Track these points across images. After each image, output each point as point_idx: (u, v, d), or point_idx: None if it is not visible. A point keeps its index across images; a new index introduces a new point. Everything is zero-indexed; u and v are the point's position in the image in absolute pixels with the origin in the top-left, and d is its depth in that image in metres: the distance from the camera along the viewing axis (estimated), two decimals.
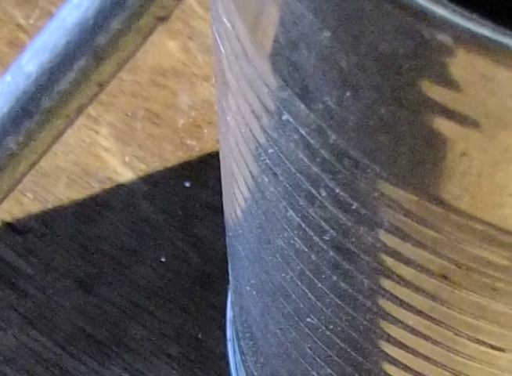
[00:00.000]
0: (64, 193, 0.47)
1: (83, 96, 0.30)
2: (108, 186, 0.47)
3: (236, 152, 0.36)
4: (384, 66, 0.30)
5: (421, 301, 0.34)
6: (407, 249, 0.33)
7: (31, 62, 0.30)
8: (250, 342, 0.41)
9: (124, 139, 0.48)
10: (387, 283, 0.34)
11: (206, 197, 0.47)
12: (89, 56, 0.29)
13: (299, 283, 0.36)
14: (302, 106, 0.32)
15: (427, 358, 0.35)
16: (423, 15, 0.28)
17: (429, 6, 0.28)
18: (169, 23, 0.30)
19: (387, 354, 0.36)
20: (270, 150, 0.34)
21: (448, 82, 0.29)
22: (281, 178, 0.34)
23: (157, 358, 0.46)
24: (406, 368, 0.36)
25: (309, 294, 0.36)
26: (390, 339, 0.35)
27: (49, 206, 0.47)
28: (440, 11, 0.28)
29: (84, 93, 0.30)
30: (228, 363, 0.45)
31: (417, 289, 0.33)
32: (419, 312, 0.34)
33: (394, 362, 0.36)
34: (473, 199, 0.31)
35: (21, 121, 0.30)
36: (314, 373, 0.38)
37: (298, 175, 0.33)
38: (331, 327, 0.36)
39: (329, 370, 0.37)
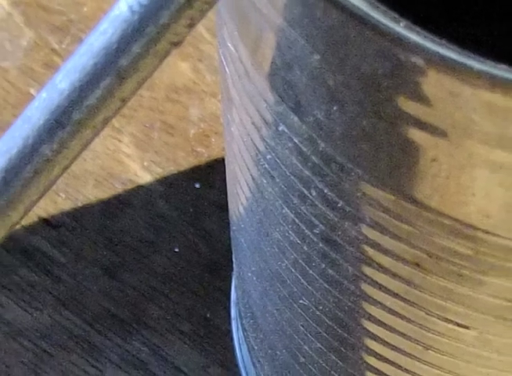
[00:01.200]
0: (92, 193, 0.47)
1: (108, 110, 0.30)
2: (129, 187, 0.47)
3: (239, 158, 0.36)
4: (366, 84, 0.29)
5: (397, 286, 0.33)
6: (385, 241, 0.32)
7: (64, 80, 0.29)
8: (251, 321, 0.41)
9: (143, 147, 0.48)
10: (368, 270, 0.34)
11: (213, 196, 0.47)
12: (113, 75, 0.29)
13: (293, 270, 0.36)
14: (295, 119, 0.32)
15: (402, 334, 0.35)
16: (399, 40, 0.28)
17: (404, 33, 0.28)
18: (182, 48, 0.29)
19: (368, 331, 0.36)
20: (268, 156, 0.34)
21: (421, 98, 0.29)
22: (277, 180, 0.34)
23: (171, 334, 0.46)
24: (384, 343, 0.36)
25: (301, 279, 0.36)
26: (370, 318, 0.35)
27: (79, 204, 0.47)
28: (414, 37, 0.28)
29: (108, 108, 0.30)
30: (232, 339, 0.46)
31: (394, 275, 0.33)
32: (395, 295, 0.34)
33: (374, 337, 0.36)
34: (441, 198, 0.31)
35: (55, 131, 0.30)
36: (306, 347, 0.38)
37: (292, 177, 0.33)
38: (320, 307, 0.36)
39: (318, 345, 0.37)
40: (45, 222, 0.46)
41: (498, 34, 0.43)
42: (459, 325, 0.33)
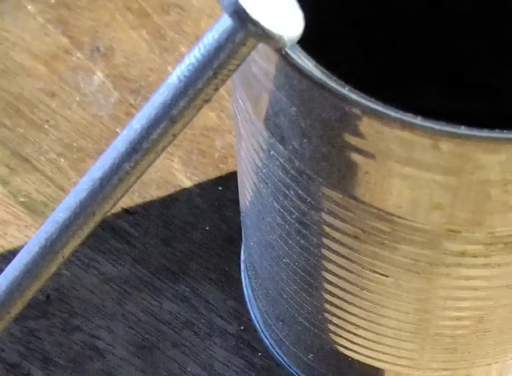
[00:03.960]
0: (154, 193, 0.46)
1: (164, 142, 0.30)
2: (177, 189, 0.47)
3: (245, 171, 0.36)
4: (324, 125, 0.29)
5: (343, 250, 0.33)
6: (336, 222, 0.32)
7: (137, 123, 0.29)
8: (253, 272, 0.41)
9: (186, 164, 0.47)
10: (325, 241, 0.33)
11: (230, 195, 0.47)
12: (167, 120, 0.29)
13: (279, 240, 0.35)
14: (281, 147, 0.31)
15: (346, 280, 0.34)
16: (344, 99, 0.28)
17: (348, 94, 0.27)
18: (210, 103, 0.29)
19: (325, 278, 0.35)
20: (264, 170, 0.34)
21: (358, 134, 0.28)
22: (269, 185, 0.34)
23: (204, 280, 0.45)
24: (335, 285, 0.35)
25: (284, 246, 0.35)
26: (327, 270, 0.35)
27: (146, 200, 0.46)
28: (354, 96, 0.27)
29: (165, 140, 0.29)
30: (241, 283, 0.45)
31: (342, 244, 0.33)
32: (342, 256, 0.33)
33: (329, 282, 0.35)
34: (371, 196, 0.30)
35: (132, 155, 0.30)
36: (287, 288, 0.37)
37: (278, 183, 0.33)
38: (296, 263, 0.36)
39: (294, 287, 0.37)
40: (125, 211, 0.46)
41: (415, 94, 0.43)
42: (382, 275, 0.33)
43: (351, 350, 0.38)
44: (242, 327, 0.43)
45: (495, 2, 0.39)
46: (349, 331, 0.37)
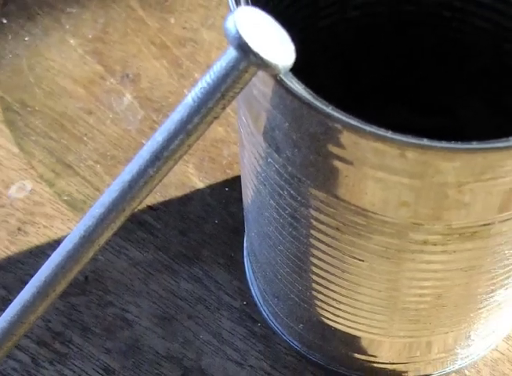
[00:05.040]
0: (173, 193, 0.46)
1: (181, 151, 0.29)
2: (192, 190, 0.47)
3: (247, 175, 0.36)
4: (312, 138, 0.29)
5: (327, 239, 0.33)
6: (321, 217, 0.32)
7: (159, 136, 0.29)
8: (253, 257, 0.41)
9: (199, 170, 0.47)
10: (313, 232, 0.33)
11: (235, 194, 0.46)
12: (184, 133, 0.29)
13: (275, 231, 0.35)
14: (276, 156, 0.31)
15: (329, 264, 0.34)
16: (328, 116, 0.27)
17: (331, 112, 0.27)
18: (219, 119, 0.29)
19: (312, 262, 0.35)
20: (263, 174, 0.33)
21: (340, 145, 0.28)
22: (267, 186, 0.34)
23: (214, 264, 0.45)
24: (321, 269, 0.35)
25: (279, 236, 0.35)
26: (314, 256, 0.35)
27: (166, 199, 0.46)
28: (336, 114, 0.27)
29: (182, 150, 0.29)
30: (244, 266, 0.45)
31: (326, 234, 0.33)
32: (326, 244, 0.33)
33: (316, 266, 0.35)
34: (350, 195, 0.30)
35: (154, 162, 0.29)
36: (281, 270, 0.37)
37: (274, 185, 0.33)
38: (289, 250, 0.36)
39: (287, 269, 0.37)
40: (149, 207, 0.45)
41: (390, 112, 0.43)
42: (358, 260, 0.33)
43: (333, 321, 0.38)
44: (245, 303, 0.43)
45: (455, 40, 0.39)
46: (332, 306, 0.37)
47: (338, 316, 0.37)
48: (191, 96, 0.28)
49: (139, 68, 0.50)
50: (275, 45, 0.27)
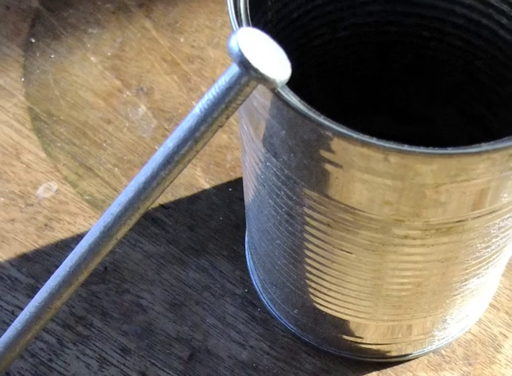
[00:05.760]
0: (182, 193, 0.46)
1: (190, 156, 0.29)
2: (199, 190, 0.46)
3: (248, 177, 0.36)
4: (306, 144, 0.29)
5: (319, 234, 0.33)
6: (314, 214, 0.32)
7: (170, 142, 0.29)
8: (254, 250, 0.41)
9: (206, 172, 0.47)
10: (307, 227, 0.33)
11: (237, 194, 0.46)
12: (192, 140, 0.29)
13: (273, 227, 0.35)
14: (274, 160, 0.31)
15: (320, 256, 0.34)
16: (320, 124, 0.27)
17: (323, 121, 0.27)
18: (223, 128, 0.28)
19: (306, 254, 0.35)
20: (262, 176, 0.33)
21: (331, 150, 0.28)
22: (266, 186, 0.34)
23: (218, 256, 0.45)
24: (313, 260, 0.35)
25: (277, 231, 0.35)
26: (307, 249, 0.34)
27: (176, 198, 0.46)
28: (327, 123, 0.27)
29: (191, 154, 0.29)
30: (246, 258, 0.45)
31: (318, 230, 0.33)
32: (318, 238, 0.33)
33: (308, 257, 0.35)
34: (340, 195, 0.30)
35: (166, 165, 0.29)
36: (278, 262, 0.37)
37: (272, 185, 0.33)
38: (285, 244, 0.35)
39: (284, 261, 0.37)
40: (162, 206, 0.45)
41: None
42: (347, 252, 0.33)
43: (324, 306, 0.38)
44: (246, 290, 0.43)
45: (432, 57, 0.39)
46: (323, 293, 0.37)
47: (329, 302, 0.37)
48: (198, 107, 0.28)
49: (153, 82, 0.50)
50: (274, 61, 0.27)
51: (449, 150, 0.27)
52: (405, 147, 0.27)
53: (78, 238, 0.44)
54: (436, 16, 0.37)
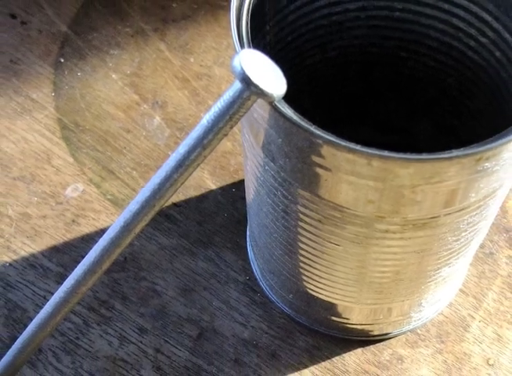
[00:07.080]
0: (192, 193, 0.46)
1: (199, 160, 0.29)
2: (207, 190, 0.46)
3: (249, 179, 0.36)
4: (299, 150, 0.29)
5: (311, 229, 0.33)
6: (307, 211, 0.32)
7: (181, 149, 0.29)
8: (254, 242, 0.40)
9: (214, 175, 0.46)
10: (300, 223, 0.33)
11: (240, 194, 0.46)
12: (200, 147, 0.29)
13: (271, 223, 0.35)
14: (272, 164, 0.31)
15: (312, 247, 0.34)
16: (312, 133, 0.27)
17: (314, 130, 0.27)
18: (227, 136, 0.28)
19: (300, 246, 0.35)
20: (261, 178, 0.33)
21: (321, 156, 0.28)
22: (264, 187, 0.33)
23: (224, 248, 0.44)
24: (306, 251, 0.35)
25: (274, 226, 0.35)
26: (301, 241, 0.34)
27: (187, 197, 0.46)
28: (318, 132, 0.27)
29: (199, 160, 0.29)
30: (247, 249, 0.44)
31: (310, 225, 0.32)
32: (311, 233, 0.33)
33: (302, 249, 0.35)
34: (329, 194, 0.30)
35: (178, 168, 0.29)
36: (275, 253, 0.37)
37: (270, 186, 0.33)
38: (282, 237, 0.35)
39: (280, 252, 0.37)
40: (174, 204, 0.45)
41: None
42: (335, 244, 0.33)
43: (316, 292, 0.38)
44: (247, 278, 0.43)
45: (409, 75, 0.39)
46: (315, 280, 0.37)
47: (319, 288, 0.37)
48: (206, 119, 0.28)
49: (166, 97, 0.50)
50: (271, 78, 0.27)
51: (424, 156, 0.27)
52: (386, 153, 0.27)
53: (101, 232, 0.44)
54: (413, 39, 0.37)
